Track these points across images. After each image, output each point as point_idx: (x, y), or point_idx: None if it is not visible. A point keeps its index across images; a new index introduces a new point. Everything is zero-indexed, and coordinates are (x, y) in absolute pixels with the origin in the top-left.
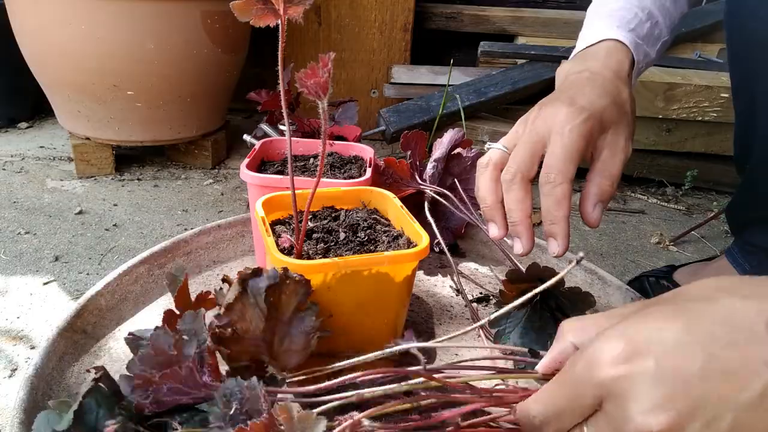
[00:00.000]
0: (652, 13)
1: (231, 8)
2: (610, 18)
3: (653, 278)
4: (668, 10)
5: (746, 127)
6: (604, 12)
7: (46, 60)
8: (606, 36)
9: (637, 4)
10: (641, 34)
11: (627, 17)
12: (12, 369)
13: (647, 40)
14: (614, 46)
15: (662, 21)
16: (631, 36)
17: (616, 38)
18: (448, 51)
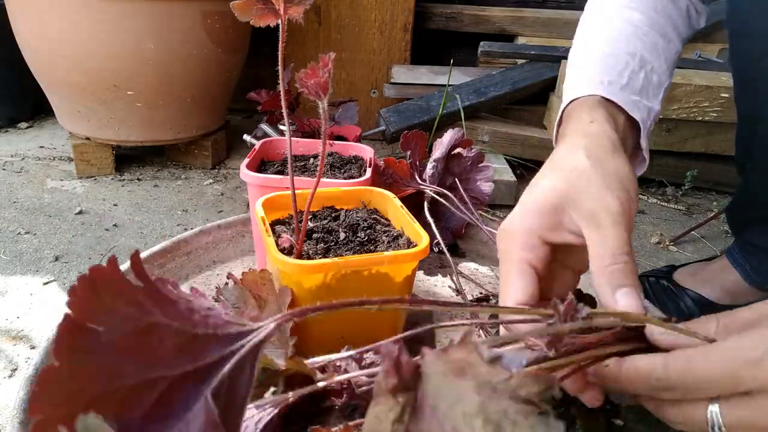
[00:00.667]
0: (644, 58)
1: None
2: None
3: (653, 278)
4: (660, 52)
5: (748, 129)
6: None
7: (46, 60)
8: (583, 93)
9: (625, 50)
10: (637, 88)
11: (617, 68)
12: (12, 369)
13: (646, 92)
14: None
15: (657, 65)
16: (625, 94)
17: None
18: (448, 51)
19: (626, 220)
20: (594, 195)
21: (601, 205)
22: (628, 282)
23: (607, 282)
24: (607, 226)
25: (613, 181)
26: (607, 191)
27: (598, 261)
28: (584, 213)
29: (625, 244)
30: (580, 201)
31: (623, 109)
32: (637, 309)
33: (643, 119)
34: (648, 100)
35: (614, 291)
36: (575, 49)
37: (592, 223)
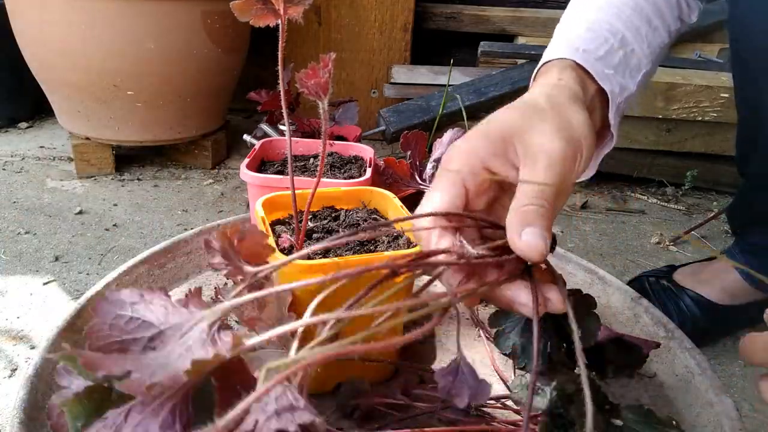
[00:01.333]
0: (625, 38)
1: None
2: (576, 40)
3: (653, 278)
4: (644, 36)
5: (749, 133)
6: (569, 32)
7: (46, 60)
8: (557, 55)
9: (607, 28)
10: (612, 63)
11: (596, 41)
12: (12, 369)
13: (621, 70)
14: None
15: (638, 49)
16: (598, 65)
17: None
18: (448, 51)
19: (564, 168)
20: (540, 133)
21: (543, 145)
22: (538, 222)
23: (516, 220)
24: (540, 168)
25: (564, 126)
26: (555, 134)
27: (517, 200)
28: (527, 149)
29: (550, 191)
30: (526, 136)
31: (594, 78)
32: (540, 249)
33: (613, 92)
34: (623, 77)
35: (521, 228)
36: (561, 21)
37: (529, 162)
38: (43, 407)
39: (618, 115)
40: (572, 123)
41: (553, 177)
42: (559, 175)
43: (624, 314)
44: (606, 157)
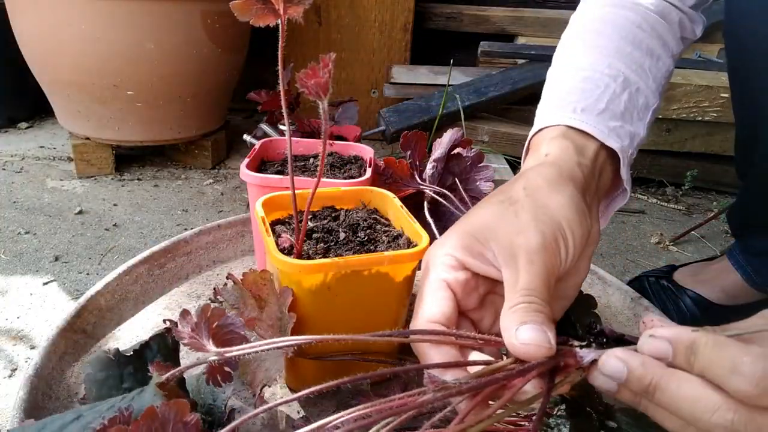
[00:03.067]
0: (628, 79)
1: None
2: (571, 97)
3: (653, 278)
4: (647, 71)
5: (749, 136)
6: (563, 88)
7: (46, 60)
8: (549, 122)
9: (607, 72)
10: (618, 112)
11: (595, 92)
12: (12, 369)
13: (629, 116)
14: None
15: (644, 86)
16: (600, 121)
17: (571, 125)
18: (448, 51)
19: (546, 259)
20: (516, 230)
21: (520, 241)
22: (530, 318)
23: (510, 323)
24: (521, 266)
25: (541, 214)
26: (530, 226)
27: (505, 304)
28: (503, 250)
29: (538, 287)
30: (501, 235)
31: (595, 138)
32: (539, 342)
33: (623, 147)
34: (631, 125)
35: (515, 328)
36: (552, 69)
37: (509, 262)
38: (43, 407)
39: (630, 166)
40: (549, 207)
41: (536, 271)
42: (543, 267)
43: (624, 314)
44: None
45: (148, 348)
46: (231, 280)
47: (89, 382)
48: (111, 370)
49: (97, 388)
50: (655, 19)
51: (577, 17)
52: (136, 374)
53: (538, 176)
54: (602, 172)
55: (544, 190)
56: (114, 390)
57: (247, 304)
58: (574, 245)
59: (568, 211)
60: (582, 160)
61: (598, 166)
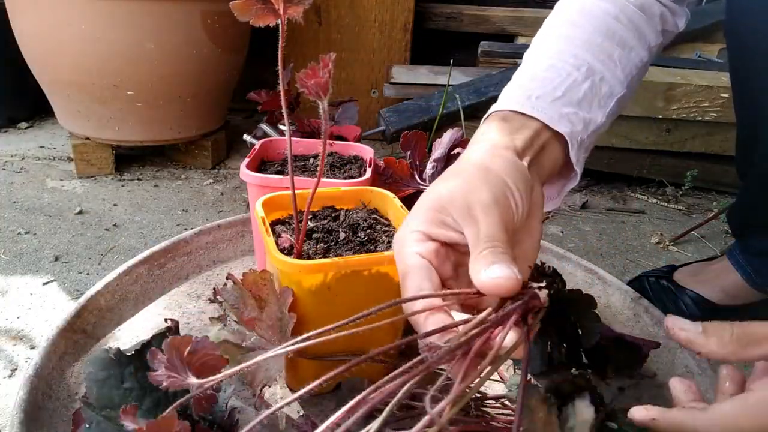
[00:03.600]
0: (592, 68)
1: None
2: (532, 82)
3: (653, 278)
4: (617, 61)
5: (749, 136)
6: (527, 73)
7: (46, 60)
8: (503, 107)
9: (572, 62)
10: (575, 99)
11: (555, 81)
12: (12, 369)
13: (587, 103)
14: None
15: (610, 75)
16: (552, 107)
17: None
18: (448, 51)
19: (500, 210)
20: (467, 191)
21: (474, 199)
22: (497, 259)
23: (476, 265)
24: (479, 219)
25: (488, 175)
26: (481, 185)
27: (471, 254)
28: (460, 209)
29: (498, 234)
30: (456, 199)
31: (538, 120)
32: (509, 277)
33: (573, 131)
34: (589, 112)
35: (486, 268)
36: (528, 52)
37: (467, 220)
38: (43, 407)
39: (583, 150)
40: (491, 169)
41: (494, 219)
42: (499, 217)
43: (624, 314)
44: (606, 157)
45: (149, 348)
46: (231, 280)
47: (90, 382)
48: (112, 369)
49: (98, 388)
50: (633, 11)
51: (561, 5)
52: (136, 374)
53: (477, 149)
54: (544, 149)
55: (484, 158)
56: (115, 390)
57: (247, 304)
58: (521, 198)
59: (508, 170)
60: (517, 135)
61: (538, 142)
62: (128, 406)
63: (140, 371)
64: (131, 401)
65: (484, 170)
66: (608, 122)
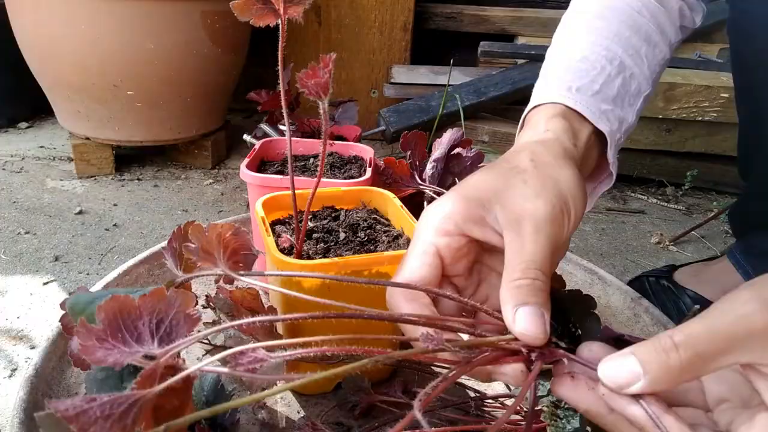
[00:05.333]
0: (624, 63)
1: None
2: (568, 75)
3: (653, 278)
4: (643, 57)
5: (751, 135)
6: (560, 66)
7: (46, 60)
8: (547, 99)
9: (604, 54)
10: (611, 95)
11: (591, 73)
12: (12, 369)
13: (620, 100)
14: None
15: (638, 72)
16: (593, 102)
17: (561, 102)
18: (448, 51)
19: (553, 230)
20: (524, 196)
21: (528, 209)
22: (533, 300)
23: (509, 298)
24: (527, 233)
25: (550, 186)
26: (540, 195)
27: (508, 273)
28: (509, 214)
29: (543, 259)
30: (508, 200)
31: (589, 120)
32: (537, 333)
33: (612, 131)
34: (622, 109)
35: (515, 308)
36: (552, 48)
37: (514, 227)
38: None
39: (617, 151)
40: (558, 181)
41: (542, 242)
42: (549, 239)
43: (624, 314)
44: None
45: None
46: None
47: (89, 382)
48: (111, 369)
49: (98, 388)
50: (655, 6)
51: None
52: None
53: (544, 150)
54: (590, 155)
55: (551, 163)
56: (114, 390)
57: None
58: (575, 221)
59: (573, 187)
60: (577, 142)
61: (588, 150)
62: None
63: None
64: None
65: (549, 179)
66: (636, 122)
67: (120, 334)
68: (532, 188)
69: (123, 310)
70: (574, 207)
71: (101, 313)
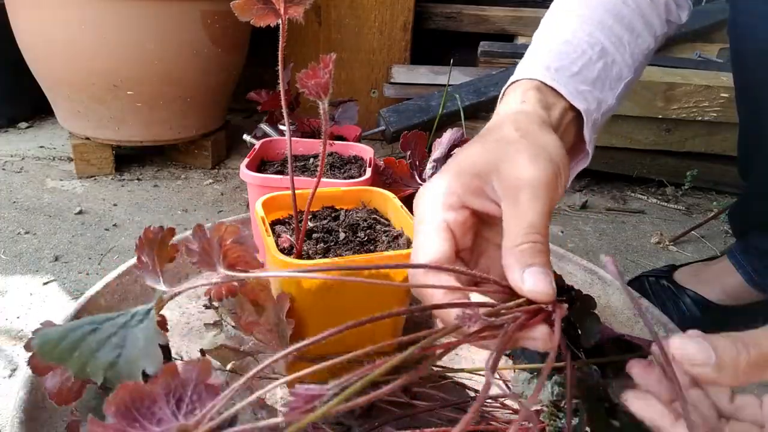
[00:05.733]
0: (605, 49)
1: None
2: (548, 54)
3: (653, 278)
4: (626, 45)
5: (751, 134)
6: (543, 48)
7: (46, 60)
8: (524, 75)
9: (586, 40)
10: (590, 78)
11: (572, 56)
12: (12, 369)
13: (600, 83)
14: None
15: (620, 58)
16: (571, 82)
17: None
18: (448, 51)
19: (548, 195)
20: (518, 165)
21: (524, 177)
22: (537, 261)
23: (515, 262)
24: (524, 200)
25: (540, 153)
26: (533, 163)
27: (509, 239)
28: (506, 183)
29: (541, 223)
30: (504, 170)
31: (564, 97)
32: (546, 290)
33: (588, 110)
34: (601, 92)
35: (522, 270)
36: (537, 32)
37: (511, 196)
38: (43, 407)
39: (594, 131)
40: (546, 147)
41: (540, 207)
42: (545, 204)
43: (624, 314)
44: (606, 156)
45: None
46: None
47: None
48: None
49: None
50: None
51: None
52: None
53: (526, 119)
54: (565, 132)
55: (536, 131)
56: None
57: (244, 309)
58: (564, 183)
59: (560, 152)
60: (551, 114)
61: (563, 125)
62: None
63: None
64: None
65: (538, 146)
66: (617, 105)
67: (137, 423)
68: (525, 157)
69: (134, 399)
70: (563, 170)
71: (111, 407)
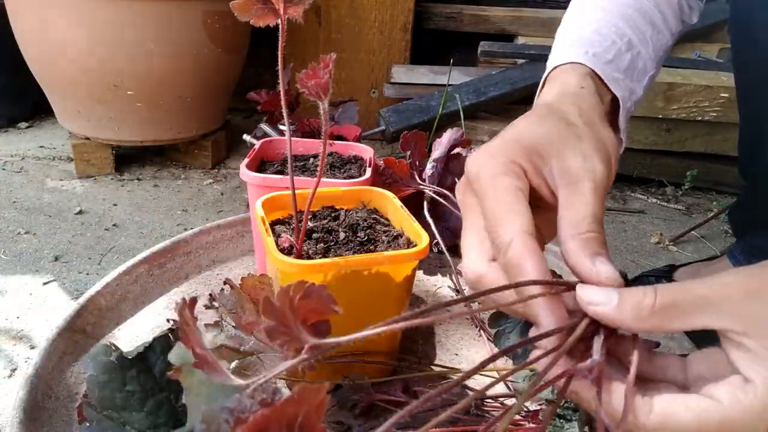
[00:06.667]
0: (632, 41)
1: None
2: (584, 43)
3: (653, 278)
4: (649, 39)
5: (753, 134)
6: (572, 35)
7: (46, 60)
8: (572, 59)
9: (614, 30)
10: (622, 67)
11: (604, 44)
12: (12, 369)
13: (630, 73)
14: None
15: (645, 52)
16: (608, 69)
17: (581, 62)
18: (448, 51)
19: (604, 191)
20: (582, 154)
21: (587, 168)
22: (603, 252)
23: (581, 249)
24: (586, 191)
25: (601, 146)
26: (594, 154)
27: (572, 227)
28: (567, 169)
29: (602, 216)
30: (566, 155)
31: (608, 87)
32: (615, 278)
33: (624, 98)
34: (632, 81)
35: (593, 258)
36: (562, 25)
37: (572, 183)
38: (43, 407)
39: (626, 120)
40: (605, 142)
41: (599, 201)
42: (602, 198)
43: None
44: None
45: (151, 350)
46: (229, 285)
47: (91, 384)
48: (113, 372)
49: (99, 390)
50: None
51: None
52: (138, 377)
53: (587, 107)
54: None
55: (597, 122)
56: (117, 392)
57: (245, 308)
58: (610, 183)
59: (615, 150)
60: (604, 104)
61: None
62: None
63: (142, 374)
64: (134, 404)
65: (599, 141)
66: (643, 97)
67: None
68: (588, 147)
69: None
70: (614, 168)
71: None
